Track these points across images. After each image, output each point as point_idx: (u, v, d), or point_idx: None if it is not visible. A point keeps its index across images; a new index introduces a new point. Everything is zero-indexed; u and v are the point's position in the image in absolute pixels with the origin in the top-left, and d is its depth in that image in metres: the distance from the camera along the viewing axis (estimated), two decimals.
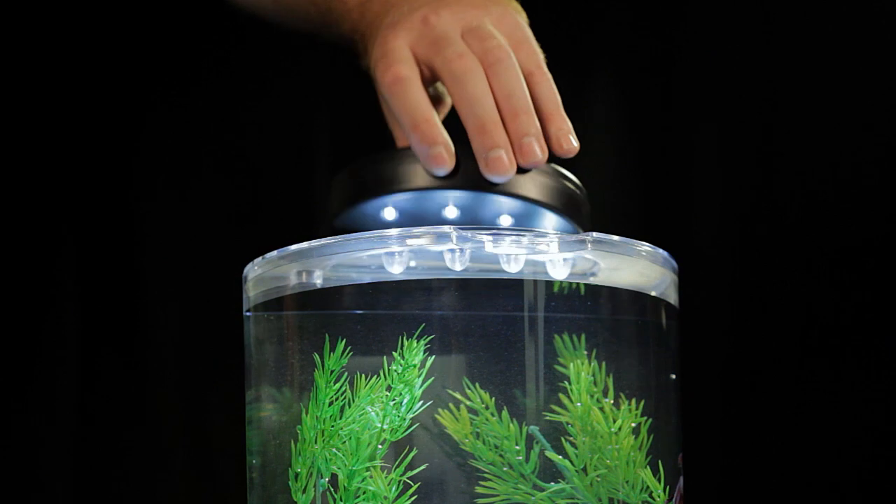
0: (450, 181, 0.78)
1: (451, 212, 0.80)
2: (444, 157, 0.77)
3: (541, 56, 0.84)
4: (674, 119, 1.52)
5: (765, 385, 1.49)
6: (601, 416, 0.68)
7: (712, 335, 1.48)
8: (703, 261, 1.46)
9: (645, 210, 1.50)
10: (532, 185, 0.79)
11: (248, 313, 0.74)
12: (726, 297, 1.49)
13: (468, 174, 0.78)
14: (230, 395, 1.07)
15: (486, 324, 0.68)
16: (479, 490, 0.66)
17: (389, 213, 0.81)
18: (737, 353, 1.49)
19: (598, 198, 1.50)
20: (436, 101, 0.84)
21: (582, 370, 0.68)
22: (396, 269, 0.68)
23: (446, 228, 0.68)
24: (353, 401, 0.67)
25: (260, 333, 0.73)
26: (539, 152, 0.78)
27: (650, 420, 0.69)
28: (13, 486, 1.32)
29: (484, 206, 0.80)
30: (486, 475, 0.66)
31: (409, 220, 0.81)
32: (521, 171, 0.78)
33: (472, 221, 0.80)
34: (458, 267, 0.67)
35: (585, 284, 0.69)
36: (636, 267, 0.71)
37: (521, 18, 0.85)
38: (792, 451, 1.50)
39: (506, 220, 0.80)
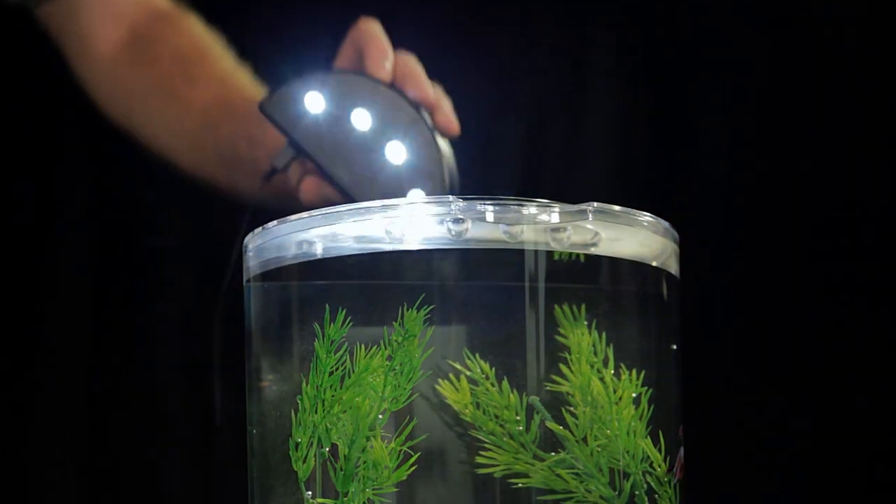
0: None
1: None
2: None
3: None
4: (677, 89, 1.51)
5: (767, 355, 1.49)
6: (601, 386, 0.68)
7: (714, 306, 1.48)
8: (705, 231, 1.46)
9: (646, 180, 1.50)
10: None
11: (248, 283, 0.74)
12: (728, 267, 1.49)
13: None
14: (231, 366, 1.07)
15: (487, 294, 0.68)
16: (479, 460, 0.66)
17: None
18: (738, 323, 1.49)
19: (599, 167, 1.51)
20: None
21: (582, 340, 0.68)
22: (397, 239, 0.68)
23: (447, 198, 0.68)
24: (354, 371, 0.67)
25: (259, 303, 0.73)
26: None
27: (651, 390, 0.69)
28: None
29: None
30: (486, 445, 0.66)
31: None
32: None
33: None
34: (458, 237, 0.67)
35: (586, 255, 0.69)
36: (637, 237, 0.71)
37: None
38: (794, 422, 1.50)
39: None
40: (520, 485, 0.66)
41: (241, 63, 1.14)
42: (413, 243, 0.68)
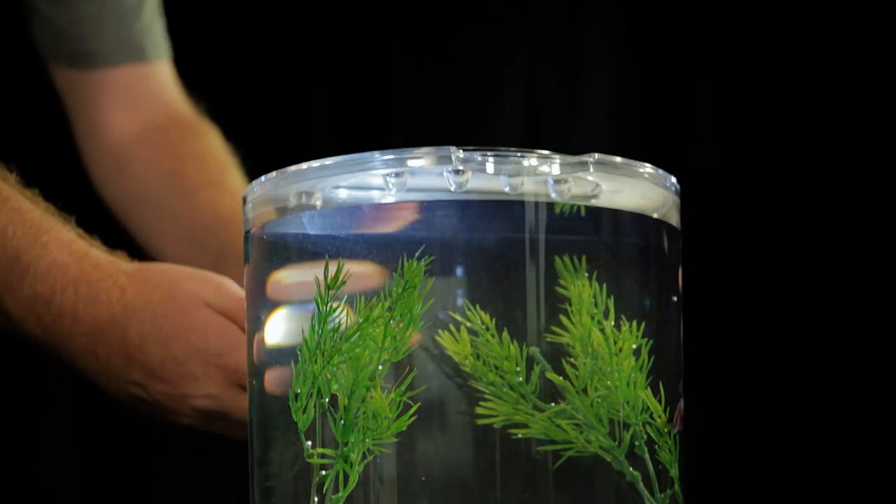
0: None
1: None
2: None
3: None
4: (677, 41, 1.50)
5: (767, 307, 1.50)
6: (602, 337, 0.68)
7: (714, 257, 1.48)
8: (706, 183, 1.46)
9: (647, 131, 1.49)
10: None
11: (248, 234, 0.74)
12: (729, 219, 1.49)
13: None
14: None
15: (487, 245, 0.67)
16: (479, 411, 0.66)
17: None
18: (739, 276, 1.49)
19: (600, 119, 1.50)
20: None
21: (583, 292, 0.68)
22: (397, 190, 0.67)
23: (448, 149, 0.67)
24: (354, 322, 0.67)
25: (259, 254, 0.73)
26: None
27: (651, 342, 0.69)
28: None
29: None
30: (486, 396, 0.66)
31: None
32: None
33: None
34: (459, 188, 0.67)
35: (587, 206, 0.69)
36: (638, 189, 0.71)
37: None
38: (793, 372, 1.50)
39: None
40: (519, 435, 0.66)
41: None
42: (413, 194, 0.67)
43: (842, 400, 1.49)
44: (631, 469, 0.68)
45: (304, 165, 0.70)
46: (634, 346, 0.69)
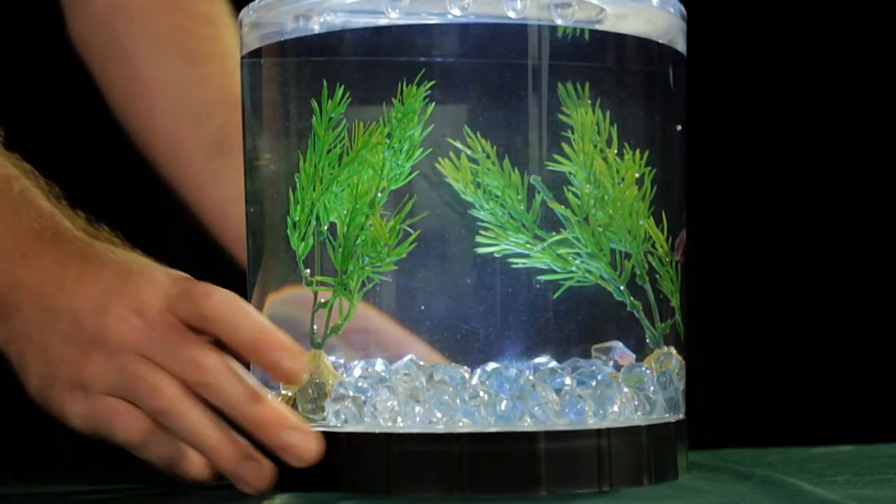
0: None
1: None
2: None
3: None
4: None
5: (773, 137, 1.49)
6: (604, 165, 0.67)
7: (721, 84, 1.46)
8: (714, 6, 1.43)
9: None
10: None
11: (244, 60, 0.72)
12: (735, 44, 1.47)
13: None
14: None
15: (488, 71, 0.66)
16: (479, 239, 0.66)
17: None
18: (745, 100, 1.48)
19: None
20: None
21: (585, 119, 0.66)
22: (396, 13, 0.66)
23: None
24: (352, 148, 0.66)
25: (256, 80, 0.71)
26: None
27: (654, 171, 0.68)
28: None
29: None
30: (486, 224, 0.66)
31: None
32: None
33: None
34: (459, 11, 0.65)
35: (590, 31, 0.67)
36: (643, 14, 0.69)
37: None
38: (796, 205, 1.50)
39: None
40: (520, 265, 0.66)
41: None
42: (413, 18, 0.66)
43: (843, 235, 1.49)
44: (632, 298, 0.68)
45: None
46: (637, 175, 0.68)
